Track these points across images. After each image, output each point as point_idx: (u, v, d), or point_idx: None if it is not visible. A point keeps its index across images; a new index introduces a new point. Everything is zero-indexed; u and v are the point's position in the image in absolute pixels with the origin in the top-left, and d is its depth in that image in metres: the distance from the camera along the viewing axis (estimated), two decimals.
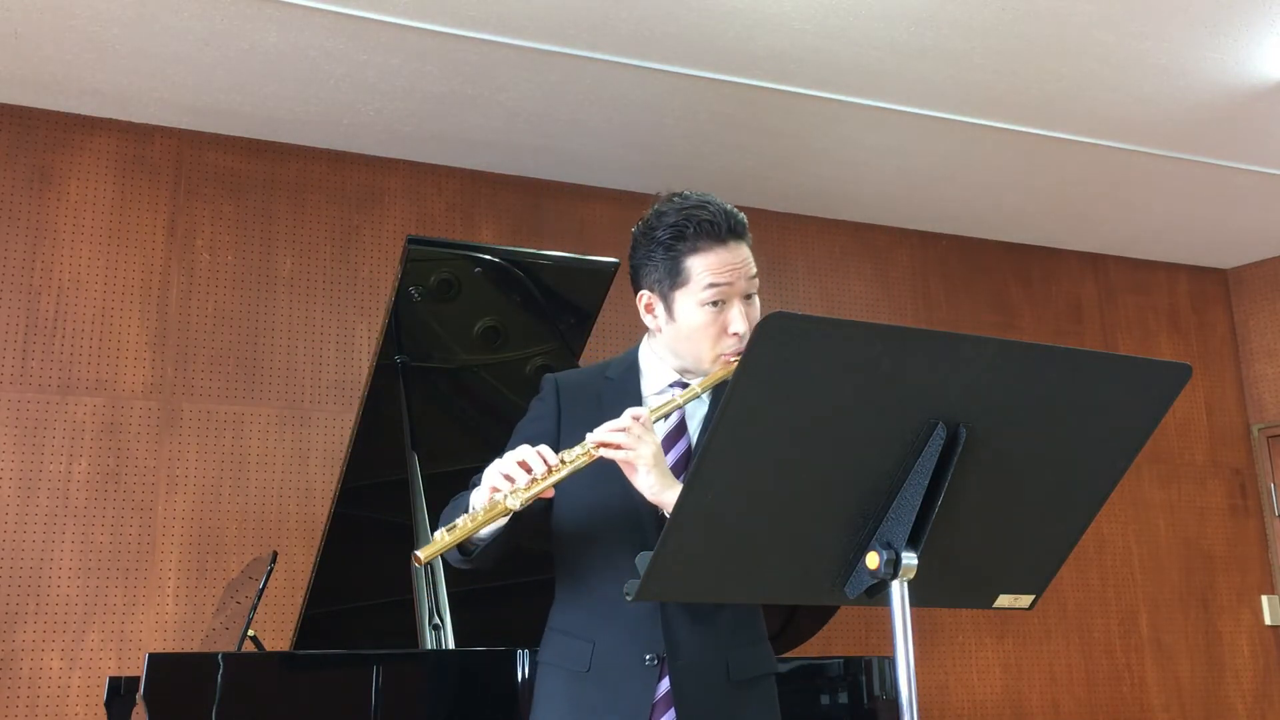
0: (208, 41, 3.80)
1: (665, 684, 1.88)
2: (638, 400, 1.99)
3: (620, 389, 2.01)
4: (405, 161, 4.74)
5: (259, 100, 4.21)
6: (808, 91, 4.21)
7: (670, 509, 1.76)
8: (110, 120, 4.34)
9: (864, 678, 3.23)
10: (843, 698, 3.20)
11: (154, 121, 4.38)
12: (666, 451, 1.93)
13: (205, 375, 4.29)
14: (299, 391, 4.40)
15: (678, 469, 1.95)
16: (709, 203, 1.95)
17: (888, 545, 1.34)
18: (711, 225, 1.92)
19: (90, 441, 4.10)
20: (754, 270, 1.96)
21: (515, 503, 1.75)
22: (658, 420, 1.87)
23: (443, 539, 1.76)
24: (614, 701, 1.87)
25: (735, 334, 1.92)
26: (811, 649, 3.59)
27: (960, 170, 4.95)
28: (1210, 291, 6.27)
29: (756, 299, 1.98)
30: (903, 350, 1.29)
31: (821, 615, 3.53)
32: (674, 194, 1.99)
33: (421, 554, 1.75)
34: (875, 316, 5.38)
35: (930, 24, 3.78)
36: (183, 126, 4.42)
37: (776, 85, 4.17)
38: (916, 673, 1.33)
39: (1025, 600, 1.51)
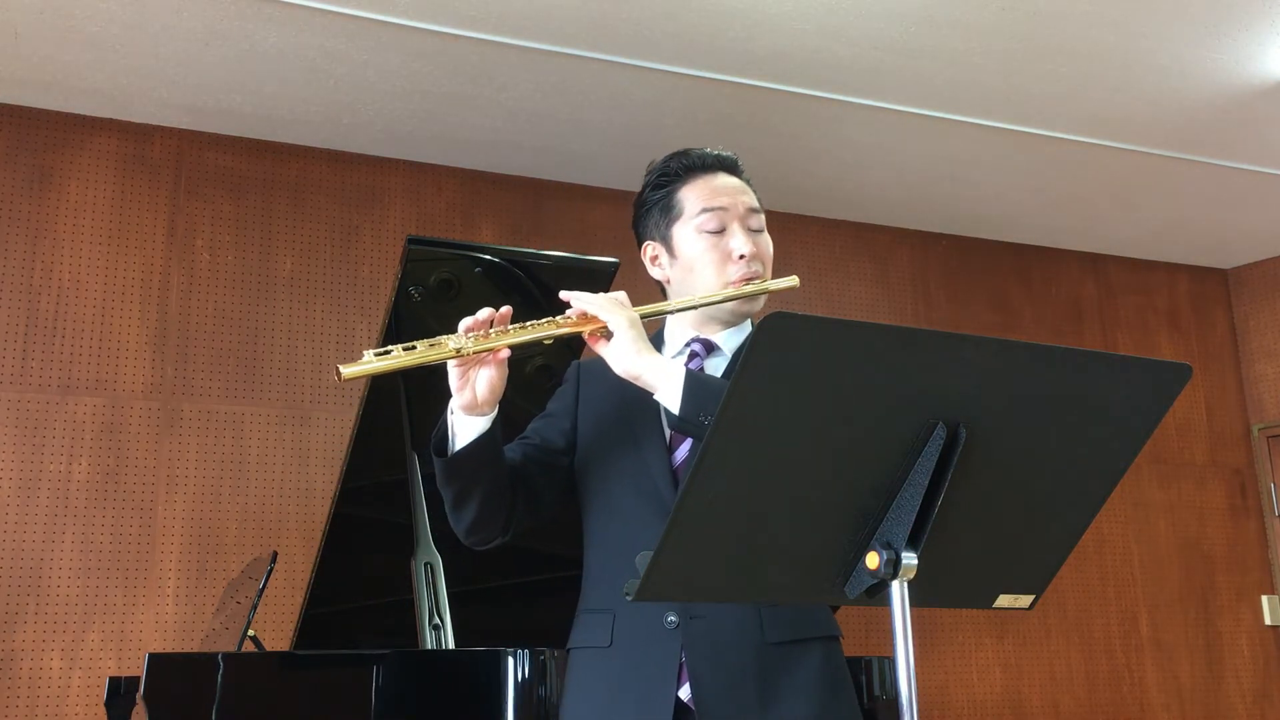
0: (208, 41, 3.80)
1: None
2: None
3: None
4: (405, 161, 4.74)
5: (259, 100, 4.21)
6: (808, 91, 4.21)
7: (648, 374, 1.68)
8: (110, 120, 4.34)
9: (864, 678, 3.23)
10: None
11: (154, 121, 4.38)
12: None
13: (205, 375, 4.29)
14: (299, 391, 4.41)
15: None
16: (695, 147, 1.93)
17: (888, 545, 1.34)
18: (700, 158, 1.89)
19: (90, 441, 4.10)
20: (755, 201, 1.88)
21: (457, 344, 1.65)
22: (645, 314, 1.77)
23: (370, 361, 1.66)
24: (637, 673, 1.72)
25: (742, 257, 1.82)
26: None
27: (960, 170, 4.95)
28: (1210, 291, 6.27)
29: (767, 236, 1.89)
30: (903, 350, 1.29)
31: None
32: None
33: (344, 369, 1.65)
34: (875, 316, 5.38)
35: (930, 24, 3.78)
36: (183, 126, 4.42)
37: (776, 85, 4.17)
38: (916, 673, 1.33)
39: (1025, 600, 1.50)
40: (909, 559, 1.33)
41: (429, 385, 3.30)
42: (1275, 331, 6.10)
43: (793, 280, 1.88)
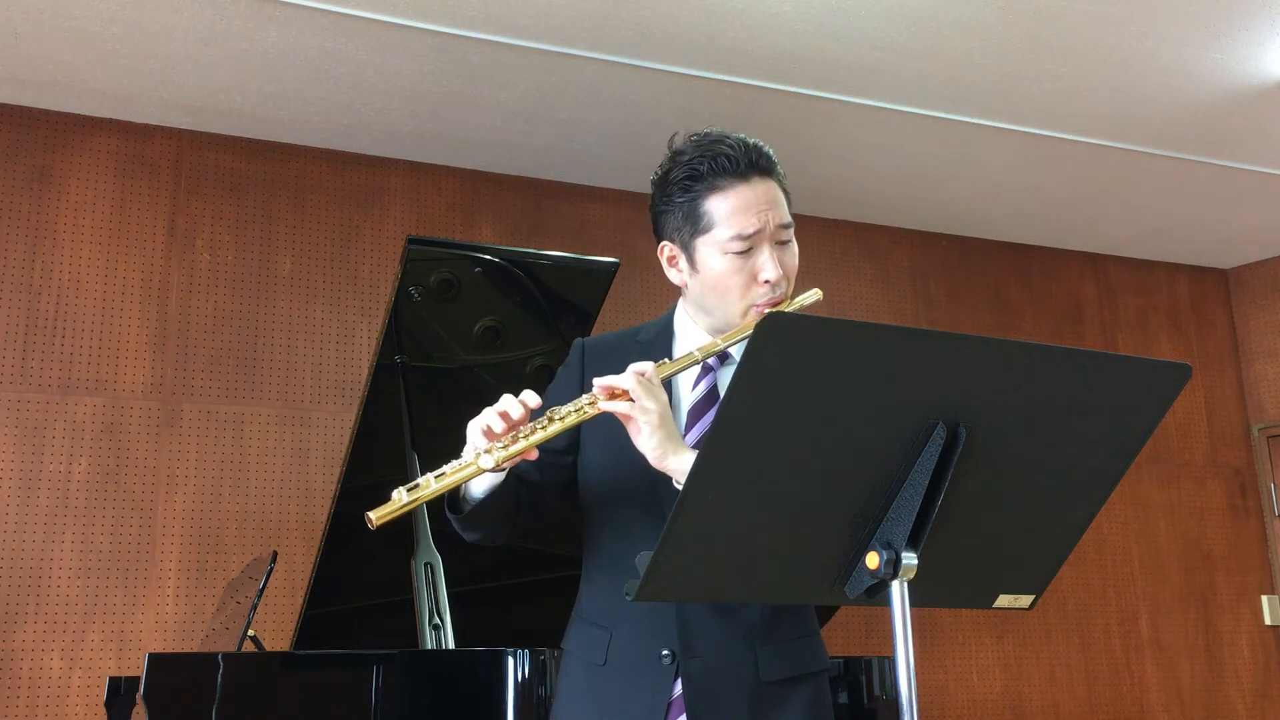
0: (208, 41, 3.80)
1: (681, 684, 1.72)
2: None
3: (650, 354, 1.81)
4: (405, 161, 4.74)
5: (259, 100, 4.21)
6: (808, 91, 4.21)
7: (676, 475, 1.63)
8: (110, 120, 4.34)
9: (864, 678, 3.23)
10: (843, 698, 3.20)
11: (154, 121, 4.38)
12: (695, 420, 1.78)
13: (205, 375, 4.29)
14: (299, 391, 4.40)
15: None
16: (728, 136, 1.78)
17: (888, 545, 1.34)
18: (730, 160, 1.75)
19: (90, 441, 4.10)
20: (786, 214, 1.79)
21: (489, 461, 1.59)
22: (670, 375, 1.70)
23: (400, 499, 1.58)
24: (628, 699, 1.72)
25: (766, 282, 1.75)
26: None
27: (960, 170, 4.95)
28: (1210, 291, 6.27)
29: (794, 245, 1.81)
30: (902, 350, 1.29)
31: (821, 615, 3.53)
32: (693, 134, 1.81)
33: (374, 515, 1.57)
34: (875, 316, 5.38)
35: (930, 24, 3.78)
36: (183, 126, 4.42)
37: (776, 85, 4.17)
38: (916, 673, 1.33)
39: (1025, 600, 1.51)
40: (909, 559, 1.33)
41: (429, 385, 3.31)
42: (1275, 331, 6.10)
43: (816, 294, 1.84)
